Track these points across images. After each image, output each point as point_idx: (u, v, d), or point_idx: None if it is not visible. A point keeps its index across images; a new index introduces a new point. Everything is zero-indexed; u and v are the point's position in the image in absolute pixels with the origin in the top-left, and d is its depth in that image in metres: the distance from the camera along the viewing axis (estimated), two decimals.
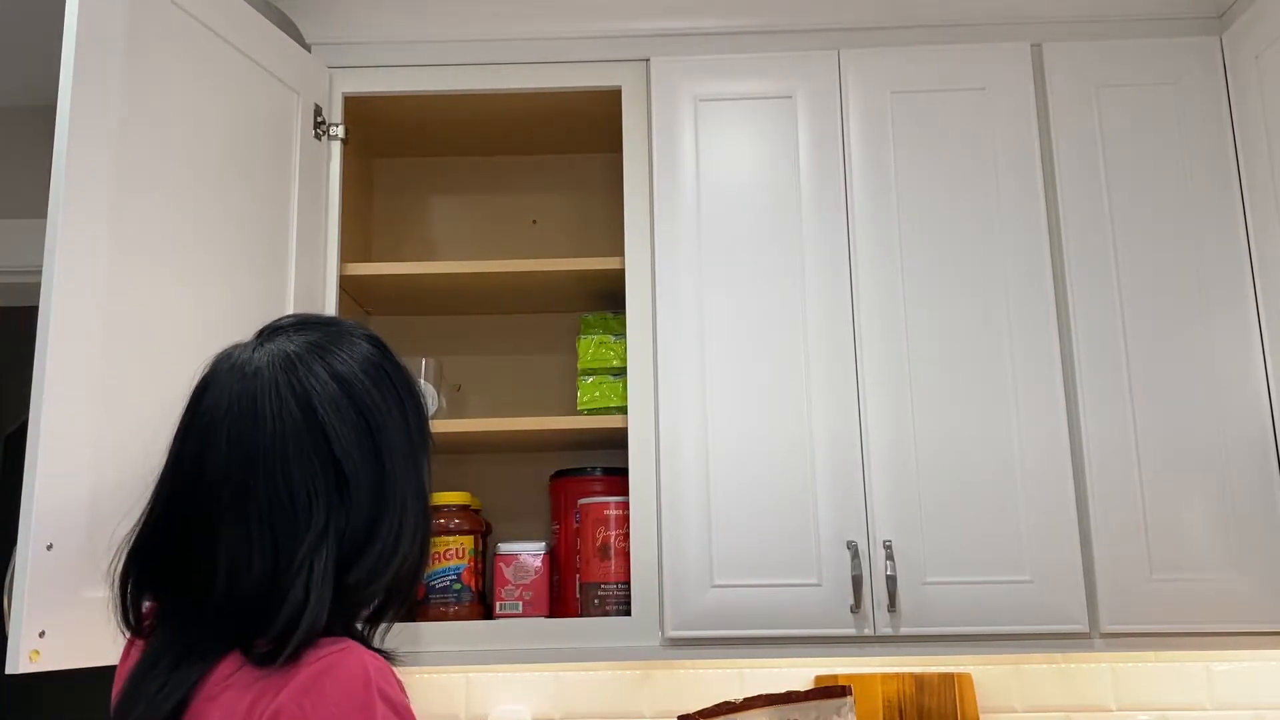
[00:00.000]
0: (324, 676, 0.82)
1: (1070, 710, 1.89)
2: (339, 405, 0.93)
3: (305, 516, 0.88)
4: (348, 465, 0.91)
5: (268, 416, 0.90)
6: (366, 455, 0.92)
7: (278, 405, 0.91)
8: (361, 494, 0.91)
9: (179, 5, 1.45)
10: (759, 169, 1.79)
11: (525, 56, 1.87)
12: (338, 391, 0.93)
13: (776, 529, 1.66)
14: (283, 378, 0.92)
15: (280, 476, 0.89)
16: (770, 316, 1.74)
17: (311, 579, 0.86)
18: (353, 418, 0.93)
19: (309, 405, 0.91)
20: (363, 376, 0.95)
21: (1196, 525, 1.64)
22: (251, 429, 0.90)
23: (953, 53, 1.82)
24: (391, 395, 0.97)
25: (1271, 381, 1.68)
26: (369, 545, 0.91)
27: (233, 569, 0.87)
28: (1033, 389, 1.69)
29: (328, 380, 0.93)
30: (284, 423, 0.90)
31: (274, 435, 0.90)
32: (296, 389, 0.92)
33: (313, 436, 0.91)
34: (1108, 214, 1.75)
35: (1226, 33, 1.80)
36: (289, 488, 0.89)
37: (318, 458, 0.90)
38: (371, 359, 0.97)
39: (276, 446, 0.89)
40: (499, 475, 2.05)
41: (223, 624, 0.87)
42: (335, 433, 0.91)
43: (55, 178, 1.22)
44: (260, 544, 0.87)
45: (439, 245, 2.15)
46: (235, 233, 1.55)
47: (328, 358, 0.95)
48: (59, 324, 1.20)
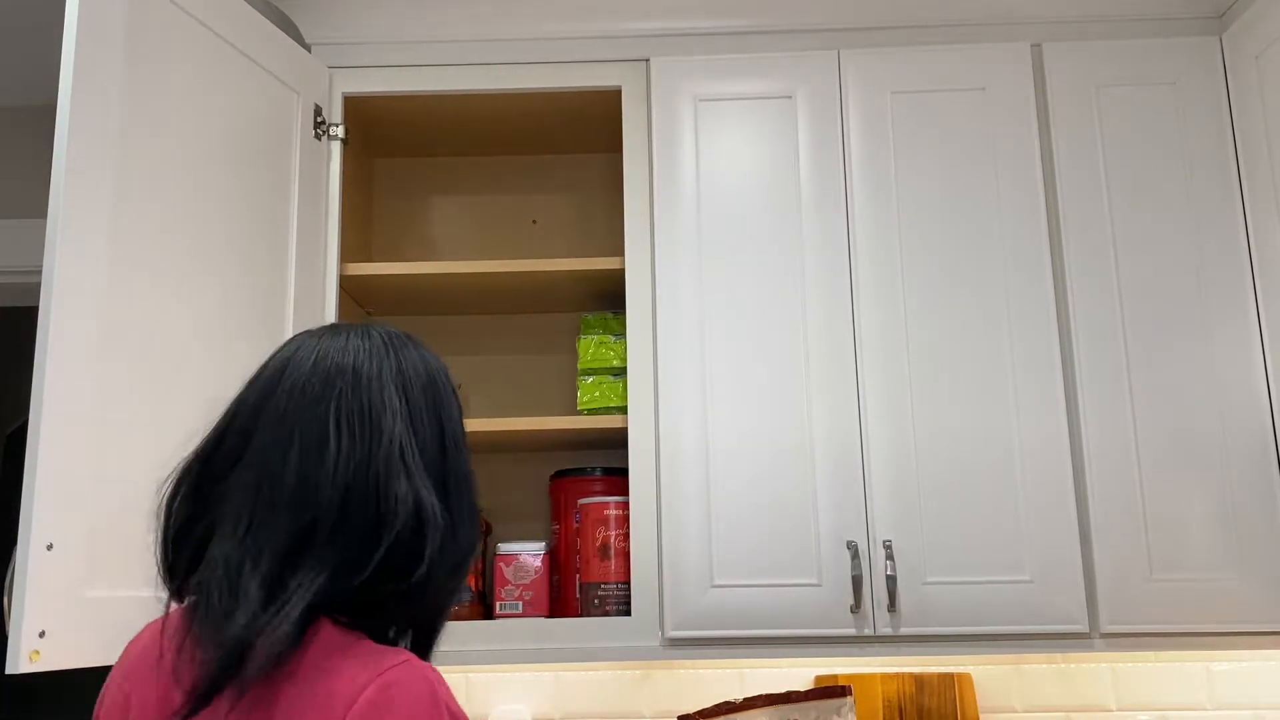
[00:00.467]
0: (393, 691, 0.79)
1: (1070, 710, 1.89)
2: (414, 363, 0.95)
3: (381, 428, 0.89)
4: (414, 401, 0.92)
5: (352, 345, 0.92)
6: (427, 403, 0.94)
7: (361, 340, 0.93)
8: (427, 434, 0.93)
9: (179, 5, 1.45)
10: (759, 169, 1.79)
11: (525, 56, 1.87)
12: (416, 353, 0.96)
13: (776, 529, 1.66)
14: (363, 336, 0.94)
15: (363, 392, 0.90)
16: (770, 316, 1.74)
17: (401, 483, 0.87)
18: (424, 379, 0.95)
19: (389, 345, 0.94)
20: (435, 365, 0.98)
21: (1196, 525, 1.65)
22: (339, 353, 0.92)
23: (953, 53, 1.82)
24: (451, 396, 0.99)
25: (1271, 381, 1.68)
26: (446, 486, 0.92)
27: (303, 481, 0.86)
28: (1033, 388, 1.69)
29: (408, 343, 0.96)
30: (368, 351, 0.92)
31: (359, 358, 0.91)
32: (377, 337, 0.95)
33: (392, 369, 0.93)
34: (1108, 214, 1.75)
35: (1226, 33, 1.80)
36: (370, 402, 0.90)
37: (395, 384, 0.92)
38: (441, 365, 1.00)
39: (360, 366, 0.91)
40: (499, 475, 2.05)
41: (309, 540, 0.85)
42: (407, 375, 0.93)
43: (55, 178, 1.22)
44: (343, 453, 0.87)
45: (439, 245, 2.15)
46: (235, 232, 1.55)
47: (418, 349, 0.98)
48: (59, 324, 1.20)
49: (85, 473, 1.21)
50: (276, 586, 0.82)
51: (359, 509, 0.85)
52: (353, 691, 0.78)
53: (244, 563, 0.83)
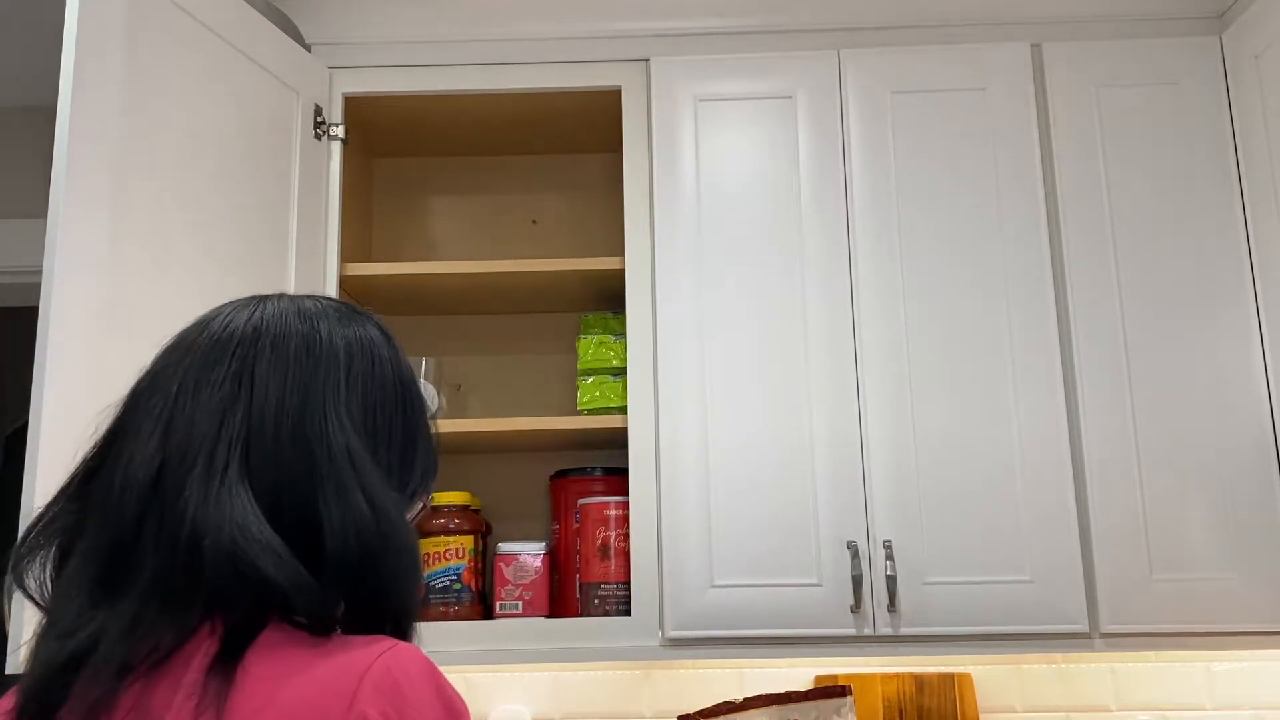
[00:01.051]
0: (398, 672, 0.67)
1: (1070, 710, 1.89)
2: (286, 334, 0.79)
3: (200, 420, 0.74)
4: (259, 384, 0.76)
5: (213, 327, 0.78)
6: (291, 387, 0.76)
7: (231, 320, 0.79)
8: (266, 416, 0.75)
9: (179, 5, 1.45)
10: (759, 169, 1.79)
11: (525, 56, 1.87)
12: (295, 319, 0.80)
13: (776, 529, 1.66)
14: (251, 310, 0.80)
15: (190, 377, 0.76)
16: (770, 316, 1.74)
17: (199, 490, 0.72)
18: (293, 347, 0.78)
19: (257, 324, 0.79)
20: (336, 331, 0.81)
21: (1196, 525, 1.64)
22: (193, 337, 0.79)
23: (953, 53, 1.82)
24: (361, 364, 0.81)
25: (1271, 381, 1.68)
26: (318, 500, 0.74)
27: (125, 485, 0.74)
28: (1033, 389, 1.69)
29: (293, 313, 0.81)
30: (223, 337, 0.78)
31: (207, 343, 0.77)
32: (256, 314, 0.80)
33: (241, 353, 0.77)
34: (1108, 214, 1.75)
35: (1226, 33, 1.80)
36: (195, 390, 0.75)
37: (232, 365, 0.76)
38: (363, 335, 0.83)
39: (201, 355, 0.77)
40: (499, 475, 2.05)
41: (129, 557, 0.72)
42: (265, 355, 0.77)
43: (55, 178, 1.22)
44: (152, 453, 0.74)
45: (439, 245, 2.15)
46: (235, 232, 1.55)
47: (306, 308, 0.82)
48: (59, 324, 1.20)
49: None
50: (81, 619, 0.70)
51: (158, 522, 0.71)
52: (348, 681, 0.66)
53: (69, 587, 0.72)
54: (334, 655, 0.69)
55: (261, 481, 0.73)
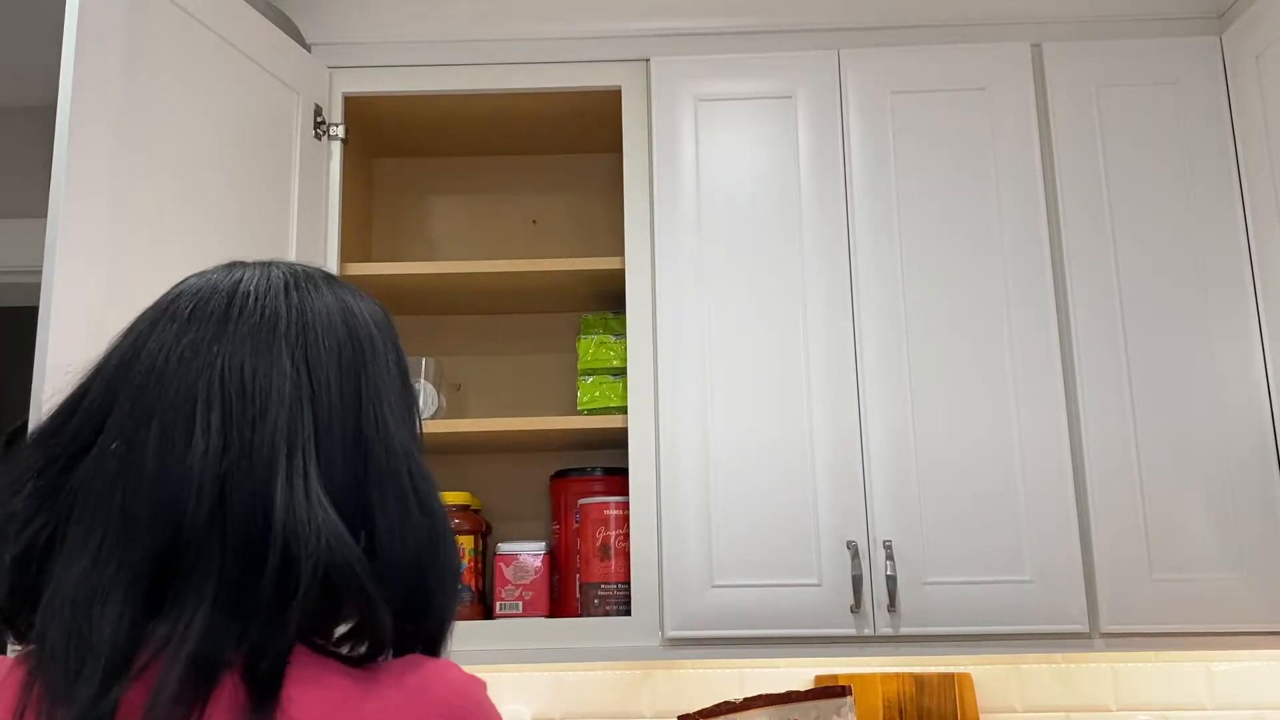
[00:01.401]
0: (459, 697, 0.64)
1: (1070, 710, 1.89)
2: (330, 316, 0.72)
3: (263, 409, 0.67)
4: (317, 370, 0.70)
5: (248, 294, 0.71)
6: (344, 376, 0.71)
7: (262, 286, 0.72)
8: (332, 411, 0.69)
9: (179, 5, 1.45)
10: (759, 169, 1.79)
11: (525, 56, 1.87)
12: (334, 306, 0.74)
13: (776, 529, 1.66)
14: (273, 274, 0.73)
15: (240, 359, 0.68)
16: (770, 316, 1.74)
17: (291, 491, 0.65)
18: (342, 334, 0.72)
19: (298, 299, 0.72)
20: (369, 317, 0.76)
21: (1196, 525, 1.64)
22: (222, 310, 0.70)
23: (953, 53, 1.82)
24: (391, 353, 0.76)
25: (1271, 381, 1.68)
26: (380, 498, 0.70)
27: (166, 479, 0.65)
28: (1033, 389, 1.69)
29: (328, 292, 0.74)
30: (261, 306, 0.70)
31: (247, 312, 0.70)
32: (288, 279, 0.73)
33: (289, 328, 0.70)
34: (1108, 214, 1.75)
35: (1226, 33, 1.80)
36: (248, 373, 0.68)
37: (289, 349, 0.69)
38: (384, 316, 0.78)
39: (244, 327, 0.69)
40: (499, 475, 2.05)
41: (182, 561, 0.64)
42: (315, 334, 0.71)
43: (55, 178, 1.22)
44: (209, 444, 0.65)
45: (439, 245, 2.15)
46: (235, 232, 1.55)
47: (336, 284, 0.76)
48: (59, 324, 1.20)
49: None
50: (135, 634, 0.60)
51: (239, 526, 0.63)
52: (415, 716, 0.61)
53: (93, 600, 0.60)
54: (383, 686, 0.63)
55: (333, 487, 0.66)
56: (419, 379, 1.89)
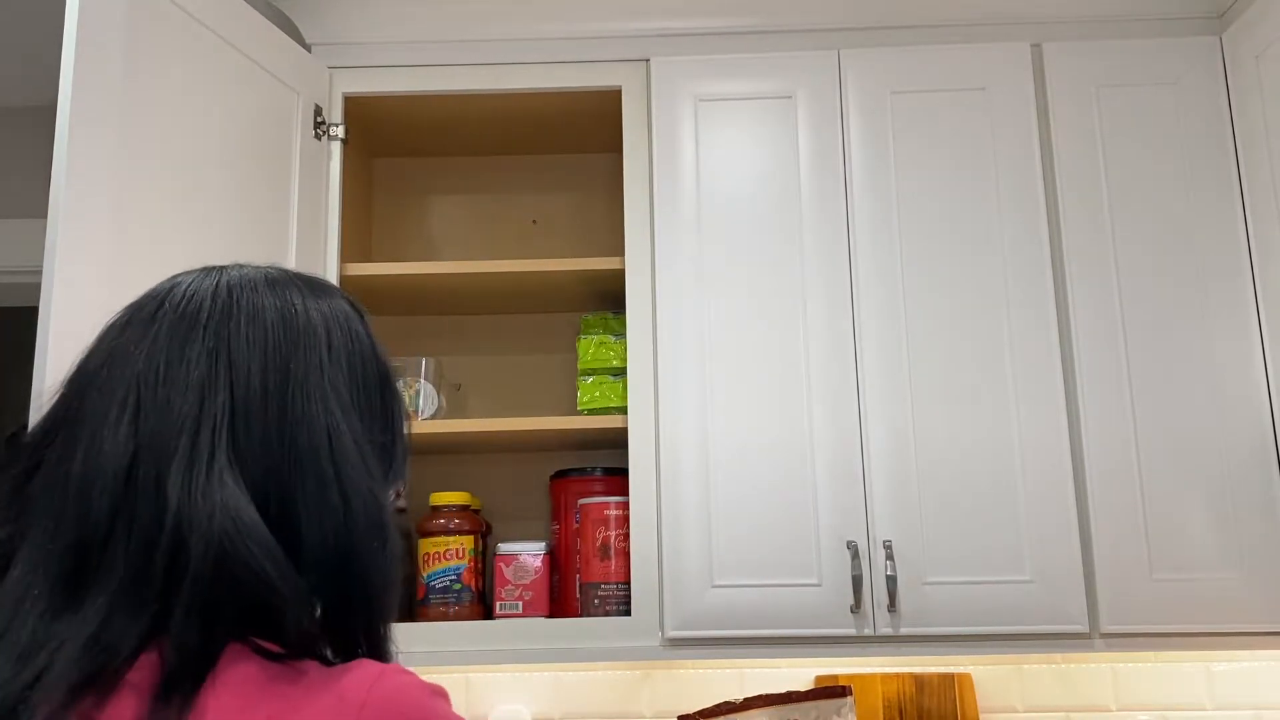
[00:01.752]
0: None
1: (1070, 710, 1.89)
2: (259, 307, 0.72)
3: (176, 399, 0.67)
4: (238, 358, 0.69)
5: (175, 295, 0.72)
6: (269, 367, 0.70)
7: (195, 286, 0.73)
8: (251, 400, 0.68)
9: (179, 5, 1.45)
10: (759, 169, 1.79)
11: (525, 56, 1.87)
12: (264, 292, 0.73)
13: (776, 529, 1.66)
14: (215, 276, 0.74)
15: (160, 354, 0.69)
16: (770, 316, 1.74)
17: (186, 477, 0.65)
18: (268, 322, 0.72)
19: (225, 290, 0.72)
20: (311, 309, 0.74)
21: (1197, 525, 1.64)
22: (147, 312, 0.73)
23: (953, 53, 1.82)
24: (339, 338, 0.75)
25: (1271, 381, 1.68)
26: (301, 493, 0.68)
27: (85, 478, 0.66)
28: (1033, 389, 1.69)
29: (262, 283, 0.74)
30: (187, 303, 0.71)
31: (173, 313, 0.71)
32: (222, 280, 0.74)
33: (215, 320, 0.71)
34: (1108, 214, 1.75)
35: (1226, 33, 1.80)
36: (166, 365, 0.69)
37: (207, 339, 0.70)
38: (336, 308, 0.77)
39: (169, 326, 0.71)
40: (499, 475, 2.05)
41: (95, 553, 0.65)
42: (239, 327, 0.71)
43: (55, 178, 1.22)
44: (122, 438, 0.66)
45: (439, 245, 2.15)
46: (235, 232, 1.55)
47: (278, 281, 0.75)
48: (59, 324, 1.20)
49: None
50: (47, 627, 0.61)
51: (139, 512, 0.63)
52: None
53: (22, 600, 0.62)
54: (316, 689, 0.60)
55: (249, 471, 0.65)
56: (419, 379, 1.89)
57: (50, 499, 0.65)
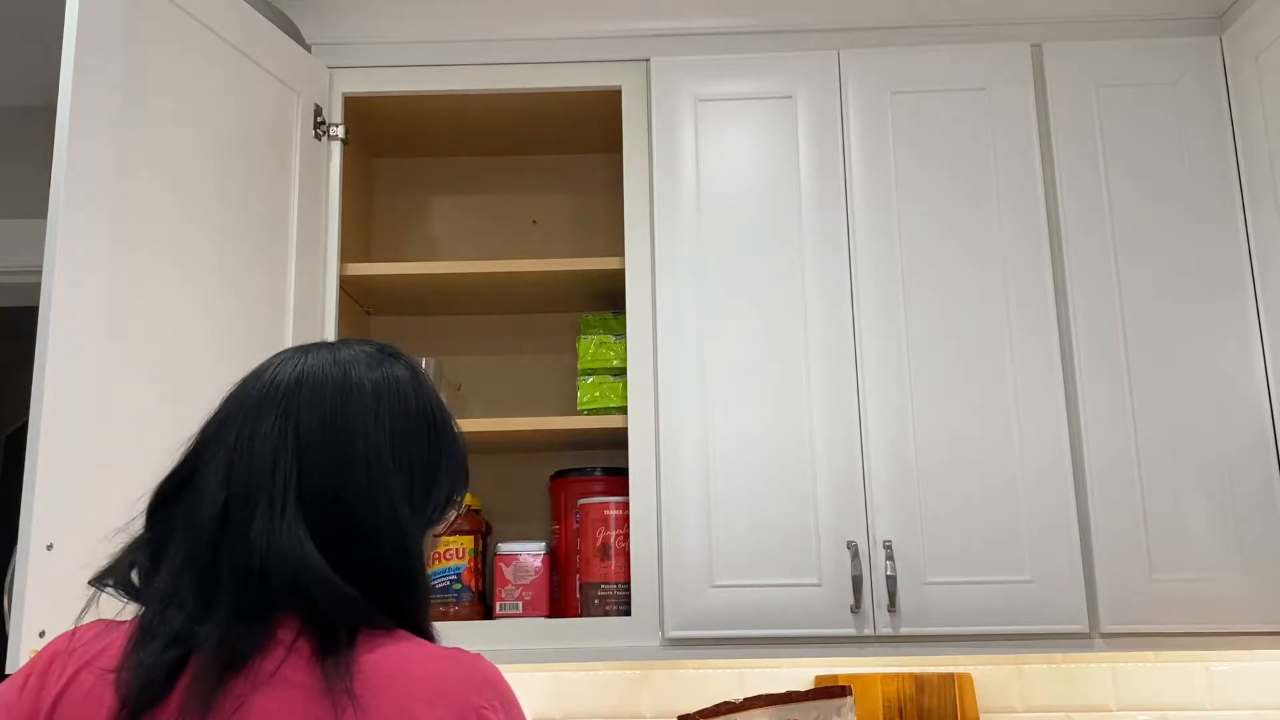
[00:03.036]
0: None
1: (1070, 710, 1.89)
2: (324, 383, 0.90)
3: (260, 464, 0.86)
4: (305, 434, 0.87)
5: (267, 379, 0.90)
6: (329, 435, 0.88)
7: (280, 372, 0.91)
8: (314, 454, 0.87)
9: (179, 5, 1.45)
10: (759, 169, 1.79)
11: (525, 56, 1.87)
12: (330, 369, 0.91)
13: (776, 529, 1.66)
14: (300, 360, 0.92)
15: (249, 425, 0.88)
16: (770, 316, 1.74)
17: (267, 523, 0.83)
18: (330, 393, 0.90)
19: (298, 376, 0.90)
20: (363, 371, 0.93)
21: (1197, 525, 1.64)
22: (252, 383, 0.91)
23: (953, 53, 1.82)
24: (389, 400, 0.93)
25: (1271, 381, 1.68)
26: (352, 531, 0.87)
27: (206, 519, 0.85)
28: (1033, 389, 1.69)
29: (329, 363, 0.91)
30: (274, 386, 0.89)
31: (262, 393, 0.89)
32: (300, 367, 0.91)
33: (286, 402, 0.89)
34: (1108, 213, 1.75)
35: (1226, 33, 1.80)
36: (253, 436, 0.87)
37: (282, 418, 0.88)
38: (393, 374, 0.95)
39: (259, 401, 0.89)
40: (499, 475, 2.05)
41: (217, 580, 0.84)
42: (305, 404, 0.88)
43: (55, 177, 1.22)
44: (228, 490, 0.85)
45: (439, 245, 2.15)
46: (235, 233, 1.55)
47: (347, 354, 0.94)
48: (59, 324, 1.20)
49: (85, 472, 1.21)
50: (188, 628, 0.80)
51: (228, 555, 0.83)
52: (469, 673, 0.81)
53: (168, 600, 0.82)
54: (436, 650, 0.83)
55: (311, 513, 0.84)
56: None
57: (182, 529, 0.85)
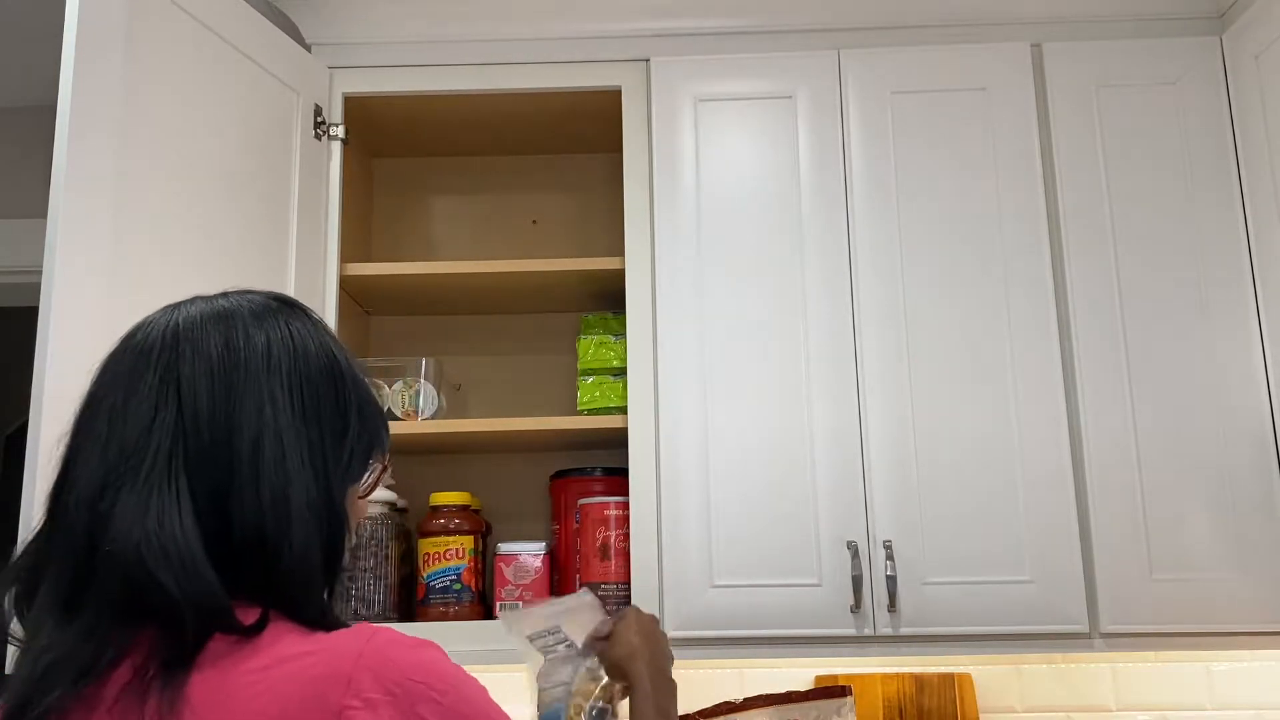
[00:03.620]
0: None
1: (1070, 710, 1.89)
2: (206, 331, 0.81)
3: (131, 434, 0.77)
4: (185, 388, 0.78)
5: (136, 344, 0.82)
6: (215, 382, 0.79)
7: (151, 336, 0.82)
8: (199, 416, 0.78)
9: (179, 5, 1.45)
10: (759, 169, 1.79)
11: (525, 56, 1.87)
12: (211, 318, 0.83)
13: (776, 529, 1.66)
14: (168, 316, 0.84)
15: (120, 396, 0.79)
16: (770, 316, 1.74)
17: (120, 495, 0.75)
18: (215, 342, 0.81)
19: (173, 331, 0.81)
20: (247, 313, 0.84)
21: (1197, 525, 1.64)
22: (119, 357, 0.83)
23: (953, 53, 1.82)
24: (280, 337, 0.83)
25: (1271, 381, 1.68)
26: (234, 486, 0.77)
27: (72, 506, 0.77)
28: (1033, 389, 1.69)
29: (206, 313, 0.83)
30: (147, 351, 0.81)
31: (131, 363, 0.81)
32: (173, 323, 0.83)
33: (165, 362, 0.80)
34: (1108, 214, 1.75)
35: (1226, 33, 1.80)
36: (124, 406, 0.78)
37: (159, 375, 0.79)
38: (267, 304, 0.86)
39: (130, 373, 0.80)
40: (499, 475, 2.04)
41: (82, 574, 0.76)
42: (187, 358, 0.79)
43: (55, 177, 1.22)
44: (94, 472, 0.77)
45: (439, 245, 2.15)
46: (235, 233, 1.55)
47: (217, 298, 0.86)
48: (59, 324, 1.20)
49: None
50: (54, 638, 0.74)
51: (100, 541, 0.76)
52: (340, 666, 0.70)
53: (43, 612, 0.76)
54: (302, 647, 0.72)
55: (202, 482, 0.76)
56: (419, 379, 1.89)
57: (58, 524, 0.77)
